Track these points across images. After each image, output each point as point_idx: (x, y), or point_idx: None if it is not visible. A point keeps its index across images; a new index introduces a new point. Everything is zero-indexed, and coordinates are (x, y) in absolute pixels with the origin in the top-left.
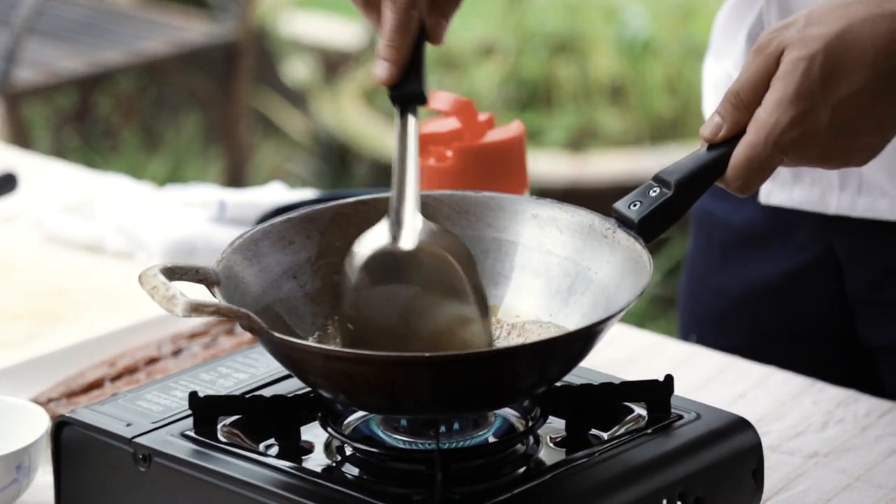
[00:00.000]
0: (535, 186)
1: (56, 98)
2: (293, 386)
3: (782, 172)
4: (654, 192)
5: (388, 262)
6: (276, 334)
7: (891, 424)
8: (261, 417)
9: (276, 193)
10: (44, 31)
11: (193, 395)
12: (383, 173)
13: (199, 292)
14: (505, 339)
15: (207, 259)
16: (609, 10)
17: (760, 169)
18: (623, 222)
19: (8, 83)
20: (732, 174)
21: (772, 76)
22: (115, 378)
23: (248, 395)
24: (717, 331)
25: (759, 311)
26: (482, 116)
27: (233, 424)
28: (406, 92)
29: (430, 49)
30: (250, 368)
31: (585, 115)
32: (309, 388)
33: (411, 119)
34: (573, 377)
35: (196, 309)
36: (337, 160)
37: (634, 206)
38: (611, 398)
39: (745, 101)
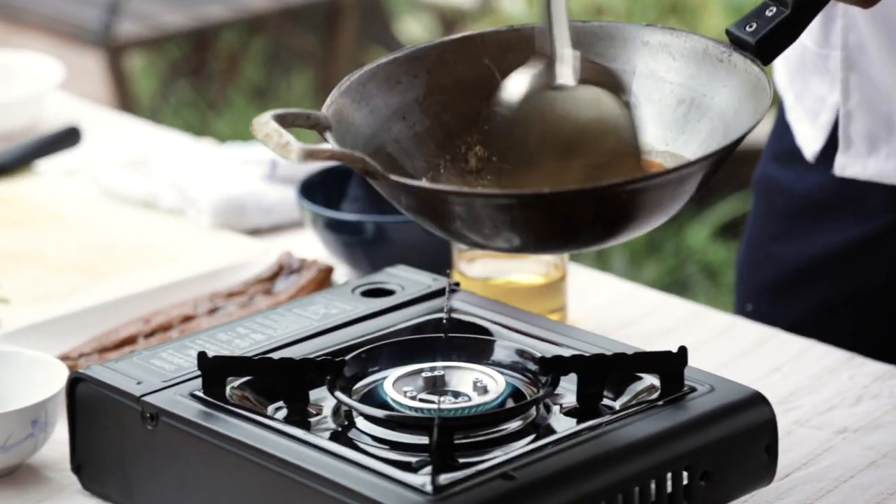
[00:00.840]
0: None
1: (160, 53)
2: (308, 349)
3: (857, 144)
4: (771, 11)
5: (548, 98)
6: (393, 176)
7: None
8: (269, 379)
9: None
10: None
11: (202, 356)
12: None
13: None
14: None
15: (257, 218)
16: None
17: None
18: (740, 45)
19: (110, 36)
20: None
21: None
22: (149, 335)
23: (256, 357)
24: (774, 301)
25: (821, 281)
26: None
27: (242, 386)
28: None
29: (536, 11)
30: (268, 330)
31: None
32: (317, 354)
33: None
34: (587, 345)
35: (311, 155)
36: None
37: (750, 27)
38: (623, 369)
39: None
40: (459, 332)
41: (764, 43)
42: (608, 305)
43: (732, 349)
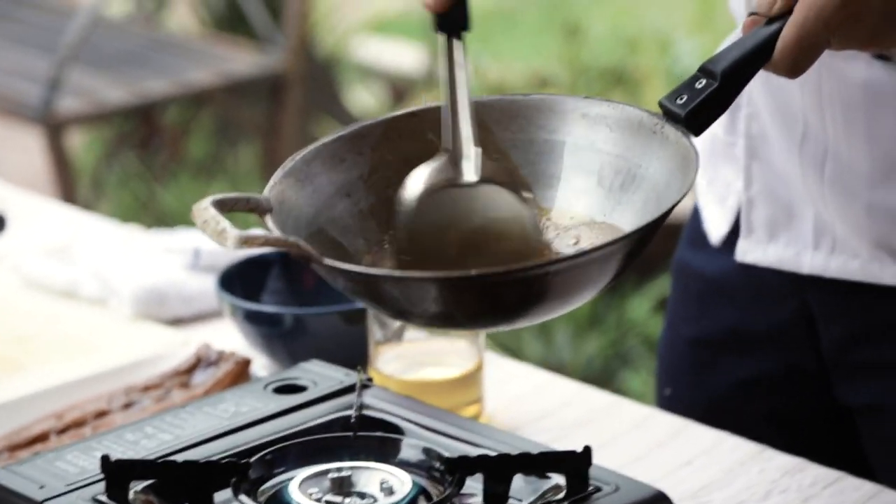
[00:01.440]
0: None
1: (102, 129)
2: (215, 449)
3: (758, 230)
4: (701, 83)
5: (449, 196)
6: (327, 260)
7: (835, 496)
8: (173, 483)
9: None
10: (88, 59)
11: (105, 459)
12: None
13: None
14: (558, 240)
15: (178, 308)
16: (663, 44)
17: (809, 49)
18: (671, 117)
19: (50, 112)
20: (781, 55)
21: None
22: (61, 431)
23: (160, 460)
24: (691, 384)
25: (734, 366)
26: None
27: (146, 489)
28: (452, 18)
29: (482, 80)
30: (177, 429)
31: None
32: (224, 454)
33: (458, 44)
34: (497, 443)
35: (246, 241)
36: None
37: (681, 99)
38: (528, 469)
39: None
40: (369, 430)
41: (693, 115)
42: (525, 396)
43: (646, 441)
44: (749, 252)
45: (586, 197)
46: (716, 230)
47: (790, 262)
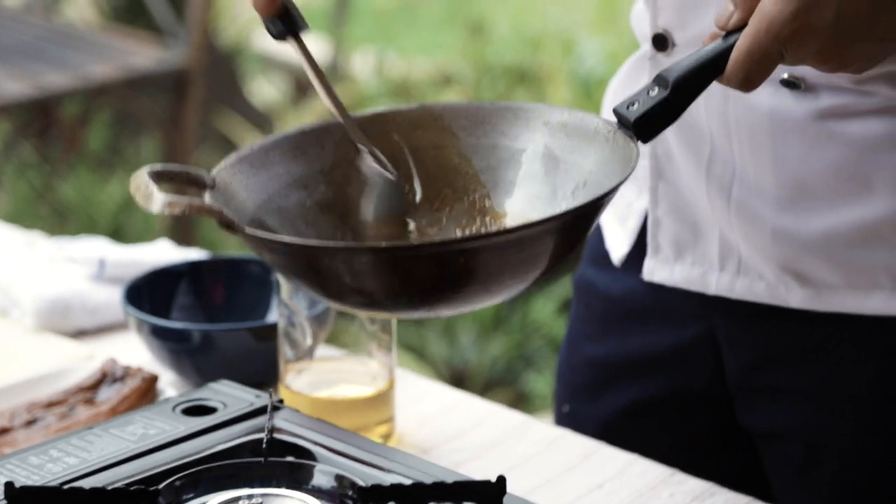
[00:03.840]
0: None
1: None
2: (123, 473)
3: (664, 250)
4: (653, 92)
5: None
6: (248, 229)
7: None
8: None
9: (160, 252)
10: None
11: (9, 486)
12: None
13: None
14: None
15: (83, 319)
16: (566, 44)
17: (761, 61)
18: (622, 123)
19: None
20: (733, 67)
21: None
22: None
23: (66, 486)
24: (590, 402)
25: (635, 386)
26: None
27: None
28: (290, 20)
29: (386, 77)
30: (83, 452)
31: None
32: (132, 479)
33: (306, 45)
34: (410, 470)
35: (170, 205)
36: None
37: (633, 106)
38: (442, 498)
39: None
40: (281, 454)
41: (642, 122)
42: (436, 416)
43: (558, 463)
44: (656, 271)
45: (542, 203)
46: (617, 249)
47: (696, 282)
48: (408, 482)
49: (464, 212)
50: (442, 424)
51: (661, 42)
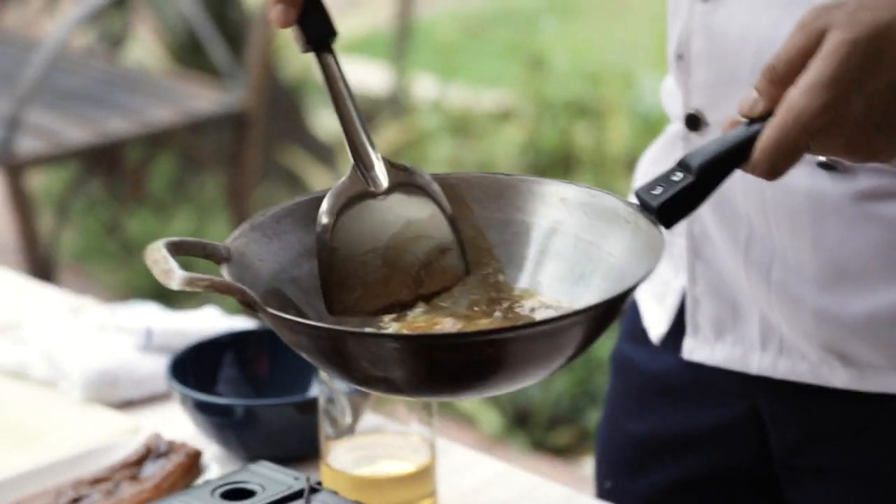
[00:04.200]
0: None
1: (62, 169)
2: None
3: (704, 330)
4: (677, 176)
5: (366, 204)
6: (270, 308)
7: None
8: None
9: (207, 320)
10: (47, 97)
11: None
12: None
13: None
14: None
15: (130, 390)
16: (626, 79)
17: (788, 152)
18: (645, 207)
19: (10, 153)
20: (760, 157)
21: (811, 54)
22: None
23: None
24: (632, 479)
25: (677, 464)
26: None
27: None
28: (314, 31)
29: (446, 111)
30: None
31: (602, 184)
32: None
33: (330, 59)
34: None
35: (191, 282)
36: None
37: (656, 190)
38: None
39: (780, 76)
40: None
41: (665, 208)
42: (480, 489)
43: None
44: (696, 351)
45: (557, 282)
46: (655, 328)
47: (738, 362)
48: None
49: (476, 286)
50: (485, 497)
51: (693, 122)
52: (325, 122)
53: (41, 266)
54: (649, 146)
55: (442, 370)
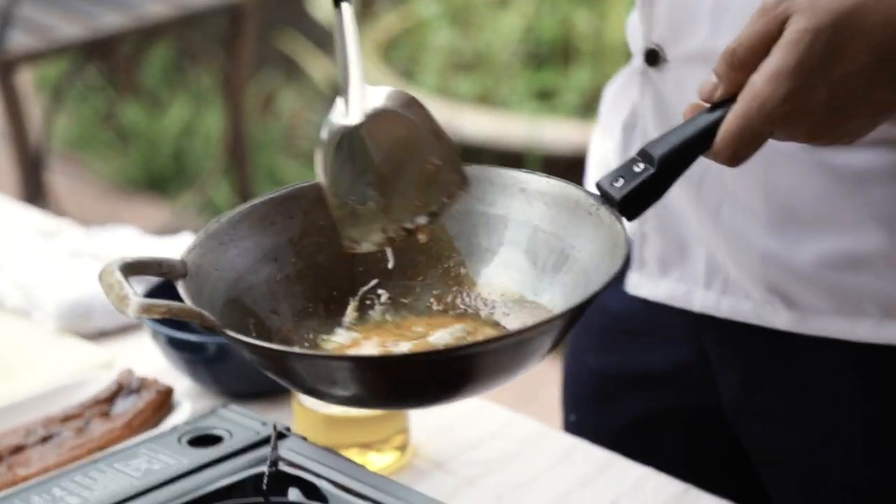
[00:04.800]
0: (545, 152)
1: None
2: None
3: (650, 265)
4: (639, 167)
5: (344, 139)
6: (229, 331)
7: None
8: None
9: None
10: None
11: None
12: None
13: None
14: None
15: (104, 321)
16: None
17: (751, 139)
18: (606, 199)
19: (1, 49)
20: (722, 144)
21: (773, 40)
22: None
23: None
24: (595, 413)
25: (636, 400)
26: None
27: None
28: None
29: (446, 2)
30: (86, 491)
31: (602, 73)
32: None
33: (346, 7)
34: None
35: (148, 310)
36: None
37: (617, 182)
38: None
39: (741, 61)
40: (284, 487)
41: (628, 200)
42: (452, 425)
43: (573, 476)
44: (641, 286)
45: (519, 274)
46: None
47: (681, 298)
48: None
49: (438, 279)
50: (458, 433)
51: (652, 57)
52: (325, 5)
53: (32, 155)
54: (612, 79)
55: (401, 387)
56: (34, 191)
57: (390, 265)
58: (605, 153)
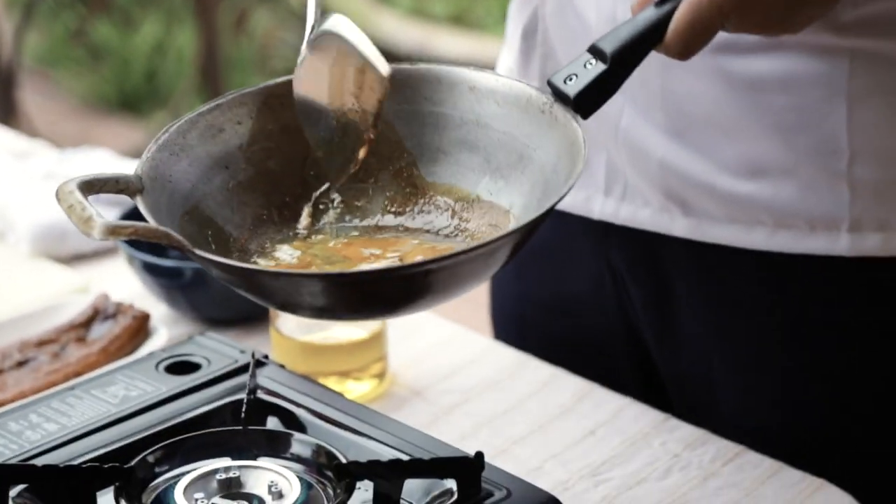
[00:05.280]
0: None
1: None
2: (103, 440)
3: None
4: (591, 64)
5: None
6: (199, 251)
7: (734, 473)
8: (54, 487)
9: None
10: None
11: None
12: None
13: None
14: (442, 219)
15: (80, 244)
16: None
17: (702, 32)
18: (559, 97)
19: None
20: (673, 37)
21: None
22: None
23: (40, 464)
24: (521, 335)
25: (556, 323)
26: None
27: (27, 491)
28: None
29: None
30: (63, 418)
31: None
32: (110, 448)
33: None
34: (393, 438)
35: (113, 232)
36: None
37: (570, 80)
38: (419, 475)
39: None
40: (262, 416)
41: (582, 98)
42: (430, 351)
43: (551, 405)
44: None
45: (472, 173)
46: None
47: (581, 206)
48: (386, 457)
49: (390, 181)
50: (436, 360)
51: None
52: None
53: (3, 71)
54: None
55: (365, 299)
56: (5, 109)
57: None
58: (505, 67)
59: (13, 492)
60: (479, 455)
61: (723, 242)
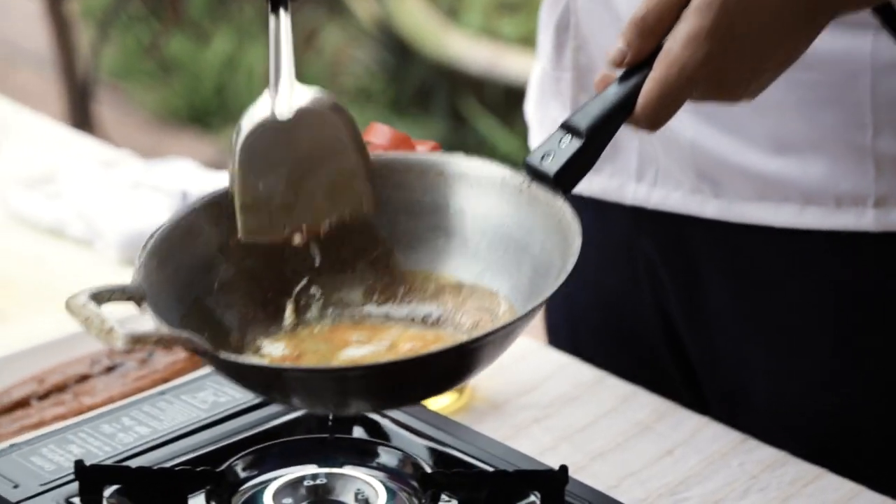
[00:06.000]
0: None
1: None
2: (192, 444)
3: None
4: (565, 142)
5: (268, 130)
6: (223, 354)
7: (816, 495)
8: (147, 489)
9: None
10: None
11: (79, 465)
12: (445, 71)
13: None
14: (425, 307)
15: None
16: None
17: (671, 104)
18: (538, 177)
19: None
20: (643, 110)
21: (681, 6)
22: (43, 397)
23: (134, 467)
24: (572, 332)
25: (597, 315)
26: (421, 148)
27: (120, 492)
28: None
29: None
30: (154, 421)
31: None
32: (200, 452)
33: (283, 14)
34: (477, 450)
35: (137, 341)
36: (399, 52)
37: (546, 159)
38: (503, 488)
39: (650, 28)
40: (348, 425)
41: (562, 175)
42: (509, 366)
43: (630, 422)
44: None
45: (451, 258)
46: None
47: (614, 193)
48: (471, 468)
49: (368, 270)
50: (515, 375)
51: None
52: None
53: (80, 83)
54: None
55: (364, 394)
56: (82, 120)
57: (317, 262)
58: (542, 62)
59: (107, 492)
60: (564, 469)
61: (753, 221)
